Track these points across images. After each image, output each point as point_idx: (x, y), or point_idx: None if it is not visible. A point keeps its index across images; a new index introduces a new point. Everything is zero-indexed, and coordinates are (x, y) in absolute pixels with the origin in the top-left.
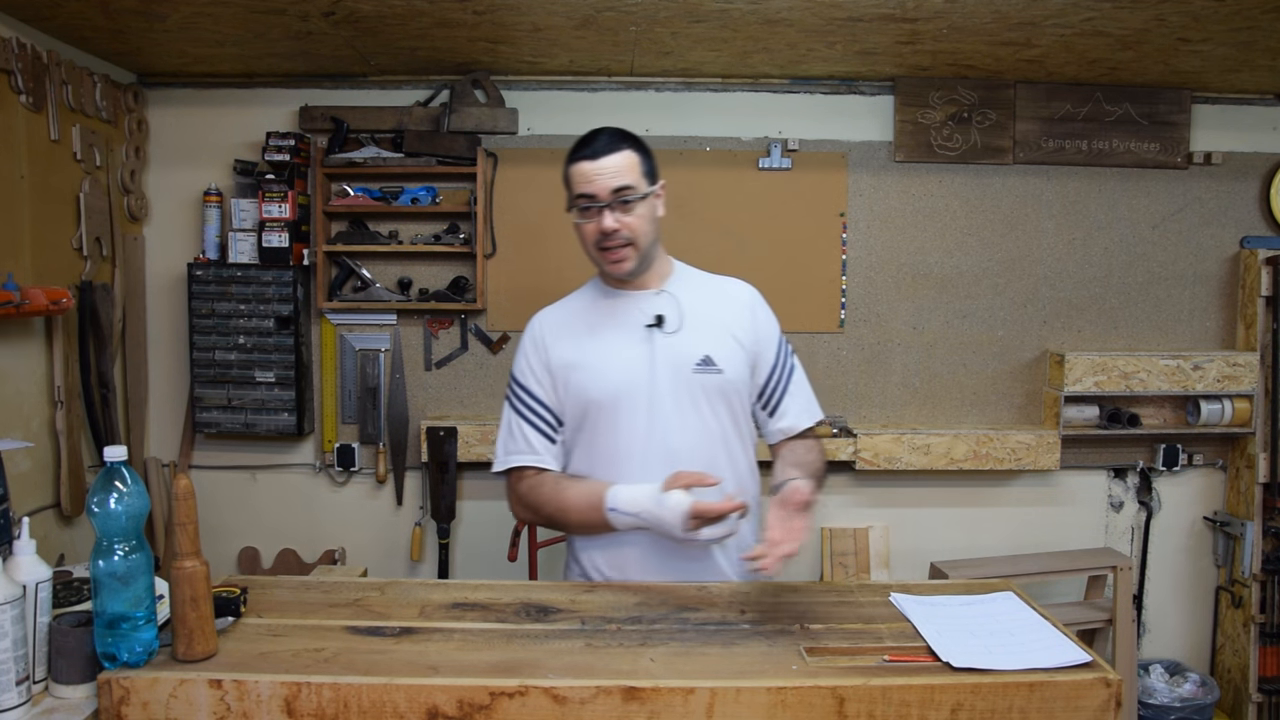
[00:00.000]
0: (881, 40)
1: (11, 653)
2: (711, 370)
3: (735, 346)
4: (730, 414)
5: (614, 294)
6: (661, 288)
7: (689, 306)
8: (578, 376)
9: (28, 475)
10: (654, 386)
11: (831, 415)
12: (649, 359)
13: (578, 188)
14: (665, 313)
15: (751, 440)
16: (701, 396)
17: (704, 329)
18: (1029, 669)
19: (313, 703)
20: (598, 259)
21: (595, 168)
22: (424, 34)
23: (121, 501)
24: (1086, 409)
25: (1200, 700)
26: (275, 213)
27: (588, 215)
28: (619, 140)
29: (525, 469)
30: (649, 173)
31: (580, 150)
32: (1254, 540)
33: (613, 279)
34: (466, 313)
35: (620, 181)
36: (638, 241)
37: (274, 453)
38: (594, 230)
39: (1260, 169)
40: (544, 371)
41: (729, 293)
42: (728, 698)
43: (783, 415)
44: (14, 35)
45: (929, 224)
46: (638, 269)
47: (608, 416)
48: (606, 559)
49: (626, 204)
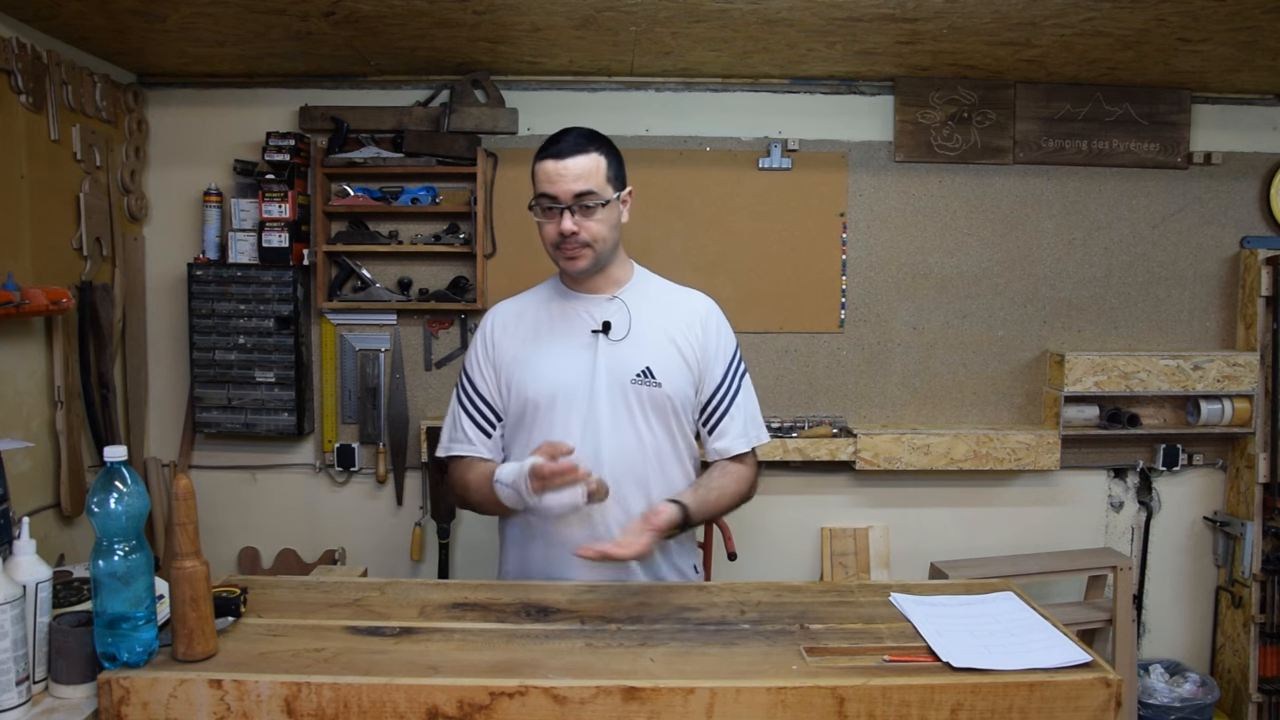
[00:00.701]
0: (881, 40)
1: (11, 653)
2: (650, 383)
3: (679, 361)
4: (665, 428)
5: (568, 295)
6: (615, 294)
7: (639, 316)
8: (520, 374)
9: (28, 475)
10: (592, 393)
11: (831, 415)
12: (591, 365)
13: (540, 186)
14: (613, 320)
15: (691, 454)
16: (637, 407)
17: (649, 340)
18: (1029, 669)
19: (313, 703)
20: (554, 256)
21: (559, 168)
22: (424, 34)
23: (121, 501)
24: (1086, 409)
25: (1200, 700)
26: (275, 213)
27: (549, 215)
28: (586, 142)
29: (456, 459)
30: (615, 178)
31: (547, 149)
32: (1254, 540)
33: (569, 279)
34: (466, 313)
35: (582, 186)
36: (595, 245)
37: (274, 453)
38: (553, 231)
39: (1260, 169)
40: (489, 367)
41: (684, 305)
42: (728, 698)
43: (720, 436)
44: (14, 35)
45: (929, 224)
46: (592, 268)
47: (544, 417)
48: (519, 558)
49: (588, 209)
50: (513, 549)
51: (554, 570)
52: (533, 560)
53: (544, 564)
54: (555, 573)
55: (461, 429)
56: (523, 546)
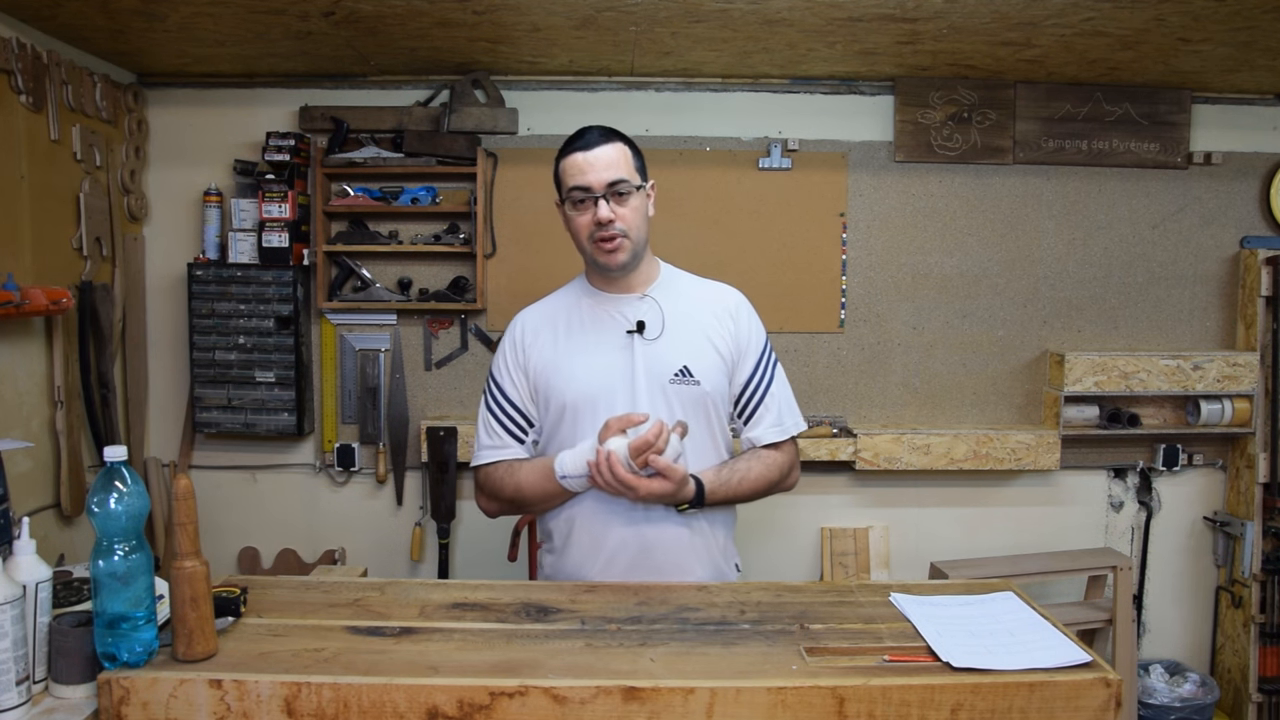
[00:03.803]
0: (881, 40)
1: (11, 653)
2: (689, 381)
3: (715, 357)
4: (706, 425)
5: (598, 295)
6: (646, 292)
7: (671, 313)
8: (556, 379)
9: (28, 475)
10: (634, 394)
11: (831, 415)
12: (629, 366)
13: (571, 180)
14: (647, 319)
15: (728, 450)
16: (678, 407)
17: (685, 338)
18: (1029, 669)
19: (313, 703)
20: (591, 252)
21: (588, 159)
22: (424, 34)
23: (121, 501)
24: (1086, 409)
25: (1200, 700)
26: (275, 213)
27: (581, 208)
28: (610, 134)
29: (491, 466)
30: (640, 169)
31: (572, 144)
32: (1254, 540)
33: (599, 279)
34: (466, 313)
35: (614, 174)
36: (631, 235)
37: (274, 453)
38: (588, 222)
39: (1260, 169)
40: (520, 374)
41: (715, 299)
42: (728, 698)
43: (754, 425)
44: (14, 35)
45: (929, 224)
46: (630, 262)
47: (585, 420)
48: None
49: (620, 195)
50: (558, 547)
51: (589, 568)
52: (572, 559)
53: (582, 563)
54: (591, 571)
55: (497, 435)
56: (564, 545)
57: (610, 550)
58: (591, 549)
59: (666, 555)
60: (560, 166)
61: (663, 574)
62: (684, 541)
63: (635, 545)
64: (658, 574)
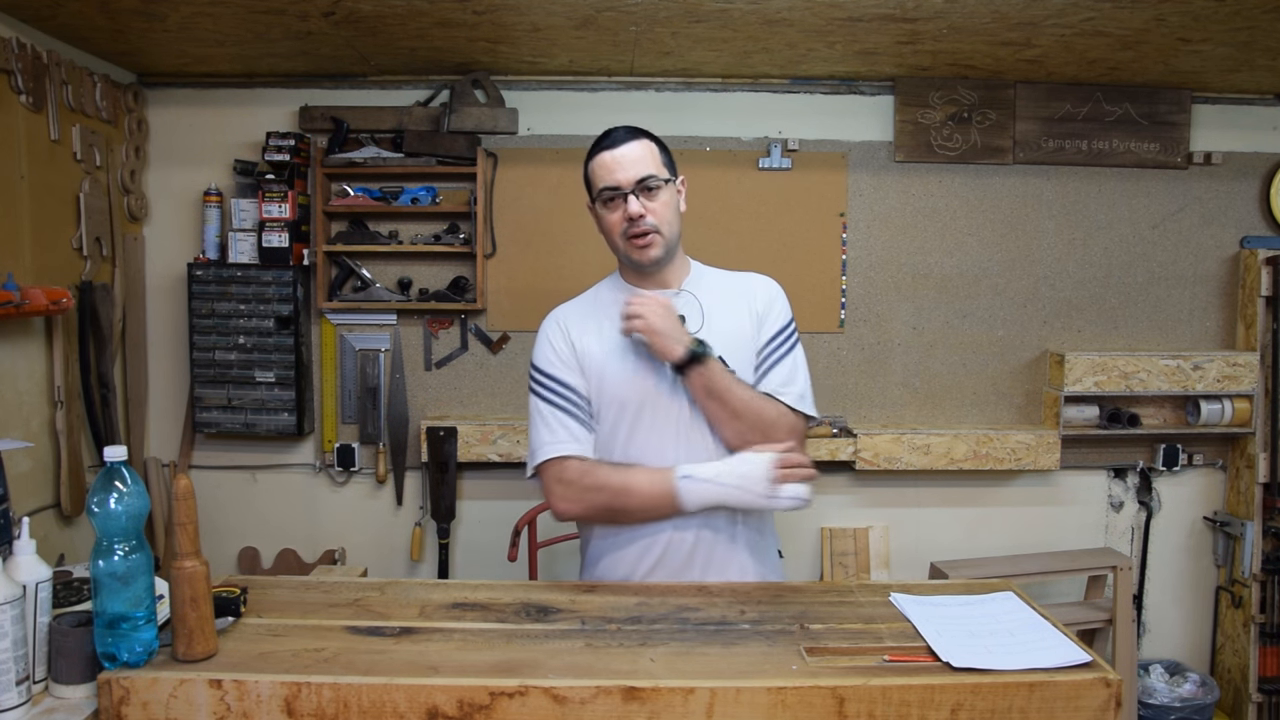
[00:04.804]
0: (881, 40)
1: (11, 653)
2: None
3: (750, 347)
4: None
5: (635, 291)
6: (681, 287)
7: (709, 307)
8: (609, 375)
9: (28, 475)
10: (677, 388)
11: (831, 415)
12: None
13: (601, 180)
14: (687, 314)
15: None
16: None
17: (722, 331)
18: (1029, 669)
19: (313, 703)
20: (625, 249)
21: (616, 157)
22: (424, 34)
23: (121, 501)
24: (1086, 409)
25: (1200, 700)
26: (275, 213)
27: (612, 205)
28: (636, 132)
29: (568, 459)
30: (669, 164)
31: (600, 145)
32: (1254, 540)
33: (633, 276)
34: (466, 313)
35: (642, 170)
36: (663, 230)
37: (274, 453)
38: (620, 219)
39: (1260, 169)
40: (573, 359)
41: (746, 289)
42: (728, 698)
43: (764, 385)
44: (14, 35)
45: (929, 224)
46: (664, 257)
47: (643, 417)
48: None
49: (650, 190)
50: (604, 551)
51: (635, 570)
52: (624, 563)
53: (635, 566)
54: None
55: (563, 428)
56: (615, 549)
57: (661, 547)
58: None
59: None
60: (589, 169)
61: (711, 566)
62: (728, 534)
63: (690, 540)
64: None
